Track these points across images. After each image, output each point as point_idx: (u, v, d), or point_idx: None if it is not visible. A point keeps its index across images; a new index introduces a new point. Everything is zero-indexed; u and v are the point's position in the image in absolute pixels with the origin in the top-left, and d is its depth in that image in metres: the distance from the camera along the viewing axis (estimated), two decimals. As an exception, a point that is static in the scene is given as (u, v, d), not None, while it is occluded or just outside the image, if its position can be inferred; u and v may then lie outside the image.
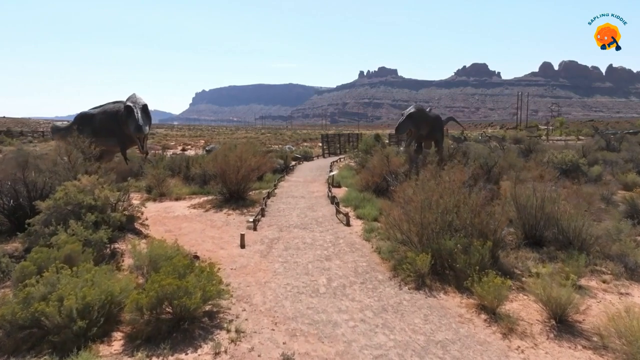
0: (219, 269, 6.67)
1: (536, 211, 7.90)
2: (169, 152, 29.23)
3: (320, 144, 37.07)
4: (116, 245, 7.59)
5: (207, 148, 26.45)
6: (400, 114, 13.90)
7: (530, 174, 17.09)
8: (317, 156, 31.75)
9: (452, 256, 6.55)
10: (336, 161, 26.44)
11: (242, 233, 8.20)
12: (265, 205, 11.55)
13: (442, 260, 6.72)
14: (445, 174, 8.50)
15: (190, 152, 30.12)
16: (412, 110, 13.54)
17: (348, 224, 9.55)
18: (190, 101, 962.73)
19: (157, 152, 21.21)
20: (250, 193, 12.88)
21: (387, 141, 34.75)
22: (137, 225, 9.30)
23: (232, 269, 6.90)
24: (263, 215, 10.39)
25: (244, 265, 7.04)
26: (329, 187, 14.00)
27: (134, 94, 10.08)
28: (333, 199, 11.87)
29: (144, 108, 9.77)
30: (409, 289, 6.11)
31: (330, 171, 20.38)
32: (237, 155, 11.69)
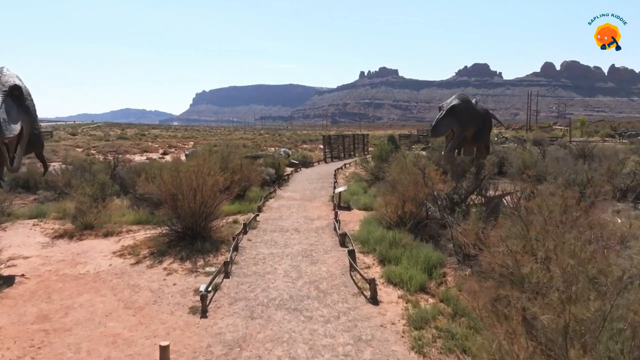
0: None
1: None
2: (143, 157, 25.02)
3: (322, 147, 32.81)
4: None
5: (186, 152, 22.24)
6: (437, 108, 9.70)
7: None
8: (318, 161, 27.49)
9: None
10: (341, 168, 22.18)
11: (164, 344, 3.95)
12: (237, 249, 7.31)
13: None
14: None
15: (174, 157, 25.96)
16: (455, 103, 9.27)
17: (374, 300, 5.31)
18: (191, 102, 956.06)
19: (107, 159, 16.90)
20: (221, 222, 8.66)
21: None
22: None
23: None
24: (227, 276, 6.15)
25: None
26: (336, 213, 9.78)
27: (1, 67, 5.81)
28: (344, 239, 7.64)
29: (15, 92, 5.47)
30: None
31: (335, 182, 16.16)
32: (194, 170, 7.46)
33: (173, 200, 7.54)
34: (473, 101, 10.40)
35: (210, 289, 5.51)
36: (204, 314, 4.98)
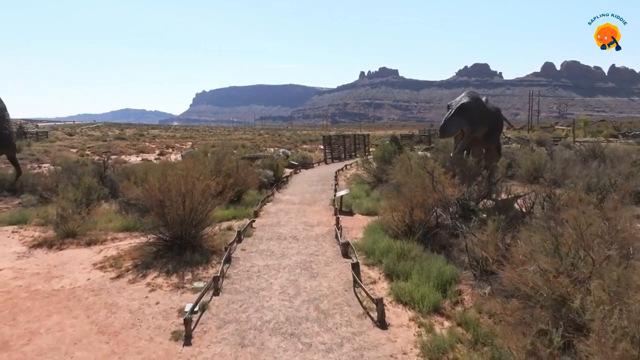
0: None
1: None
2: (138, 158, 24.42)
3: (322, 147, 32.19)
4: None
5: (183, 153, 21.63)
6: (446, 106, 9.03)
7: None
8: (319, 162, 26.85)
9: None
10: (342, 169, 21.55)
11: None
12: (229, 261, 6.68)
13: None
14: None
15: (163, 159, 25.45)
16: (465, 101, 8.63)
17: (382, 323, 4.68)
18: (191, 102, 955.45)
19: (101, 160, 16.23)
20: (214, 230, 8.00)
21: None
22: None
23: None
24: (217, 293, 5.52)
25: None
26: (337, 219, 9.14)
27: None
28: (346, 249, 7.01)
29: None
30: None
31: (336, 184, 15.54)
32: (182, 174, 6.83)
33: (160, 206, 6.91)
34: (483, 99, 9.79)
35: (196, 309, 4.90)
36: (187, 340, 4.35)
